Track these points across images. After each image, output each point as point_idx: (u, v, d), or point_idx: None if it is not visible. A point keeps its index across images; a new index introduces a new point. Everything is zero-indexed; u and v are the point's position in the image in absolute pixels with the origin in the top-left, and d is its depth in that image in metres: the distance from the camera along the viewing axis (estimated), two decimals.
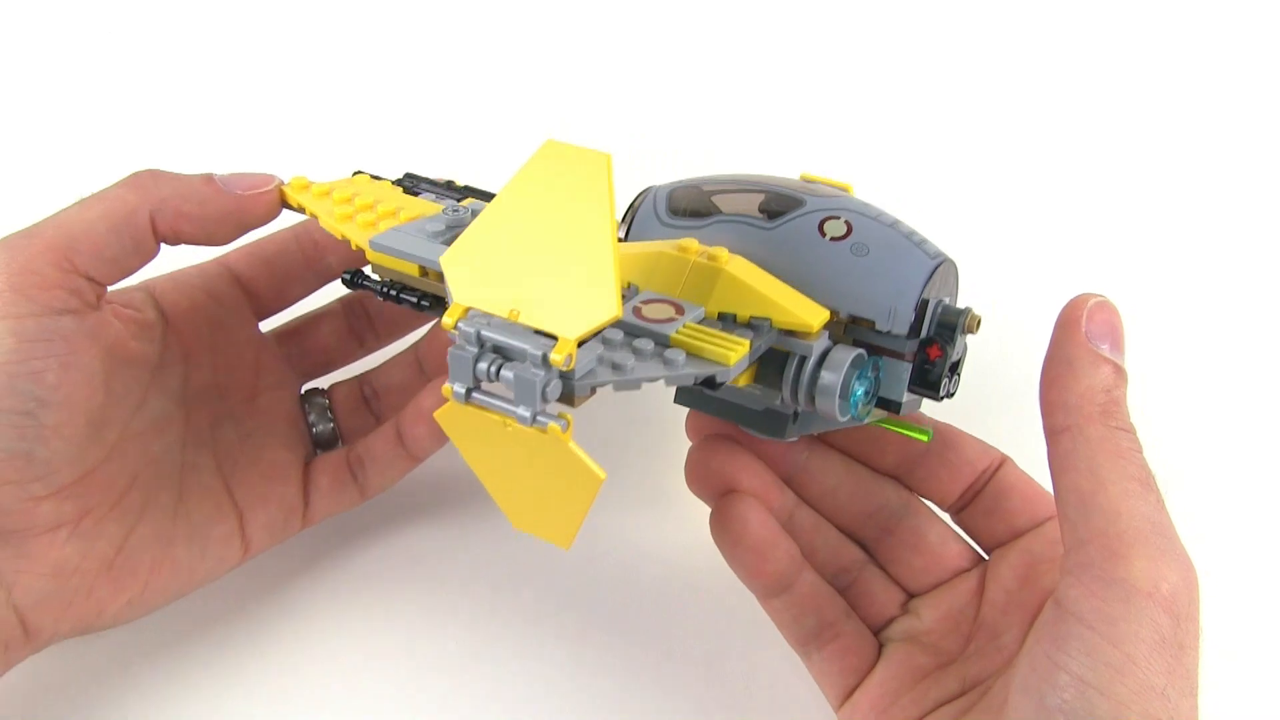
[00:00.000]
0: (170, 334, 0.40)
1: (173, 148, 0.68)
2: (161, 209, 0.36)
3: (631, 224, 0.37)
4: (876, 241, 0.33)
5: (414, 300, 0.36)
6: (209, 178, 0.37)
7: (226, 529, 0.39)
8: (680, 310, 0.31)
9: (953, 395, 0.34)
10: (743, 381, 0.32)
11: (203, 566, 0.39)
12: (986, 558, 0.38)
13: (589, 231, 0.26)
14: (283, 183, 0.39)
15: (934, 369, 0.33)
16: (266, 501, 0.41)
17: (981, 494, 0.38)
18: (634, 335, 0.30)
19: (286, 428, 0.43)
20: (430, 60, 0.74)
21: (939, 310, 0.33)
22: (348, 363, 0.46)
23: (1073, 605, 0.28)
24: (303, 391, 0.45)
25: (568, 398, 0.28)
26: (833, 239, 0.33)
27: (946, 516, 0.40)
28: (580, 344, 0.27)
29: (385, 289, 0.36)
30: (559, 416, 0.27)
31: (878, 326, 0.32)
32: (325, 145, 0.65)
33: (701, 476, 0.38)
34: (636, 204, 0.38)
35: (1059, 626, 0.28)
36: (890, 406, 0.34)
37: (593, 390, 0.28)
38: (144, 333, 0.39)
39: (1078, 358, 0.31)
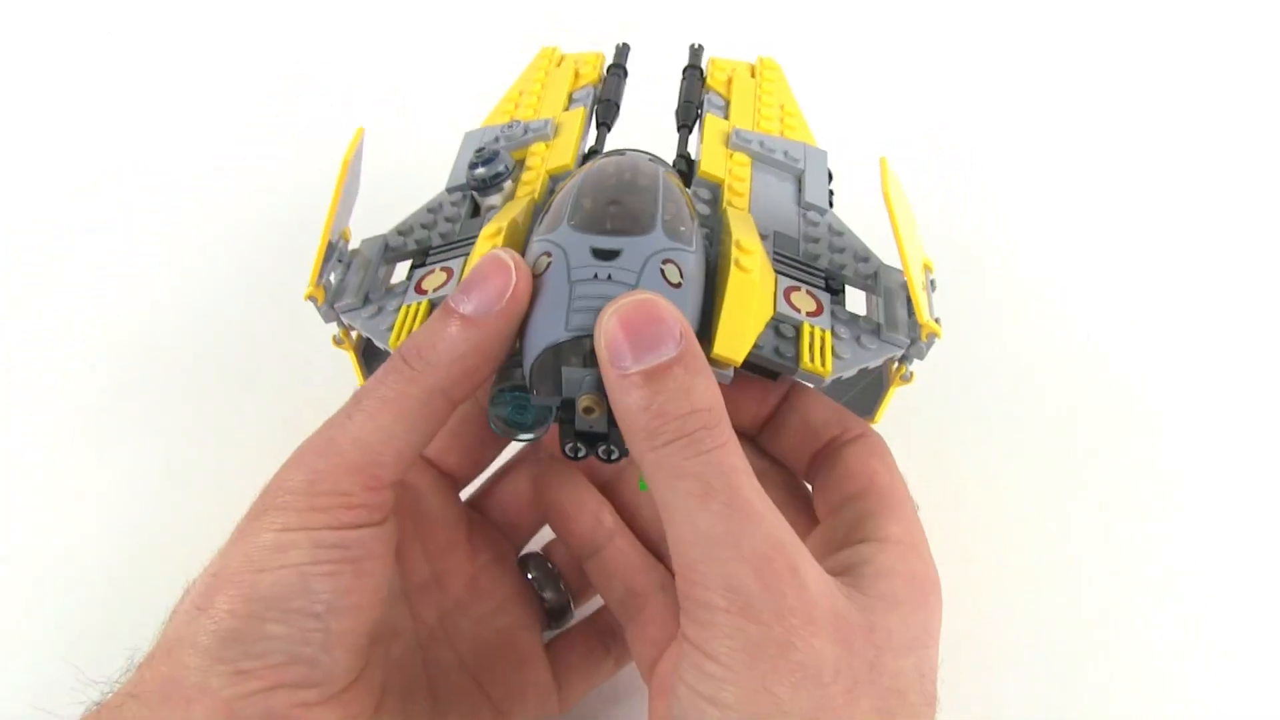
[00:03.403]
0: None
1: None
2: (450, 387, 0.31)
3: None
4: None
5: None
6: (455, 317, 0.31)
7: None
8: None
9: (611, 459, 0.33)
10: None
11: None
12: None
13: None
14: (516, 260, 0.32)
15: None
16: (523, 692, 0.37)
17: (820, 457, 0.36)
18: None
19: (518, 605, 0.39)
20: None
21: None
22: None
23: (683, 628, 0.29)
24: (520, 558, 0.41)
25: None
26: None
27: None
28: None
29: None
30: None
31: None
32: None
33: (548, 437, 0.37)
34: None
35: (677, 650, 0.29)
36: None
37: None
38: None
39: (612, 397, 0.29)
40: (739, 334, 0.32)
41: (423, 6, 0.78)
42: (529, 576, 0.39)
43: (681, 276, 0.32)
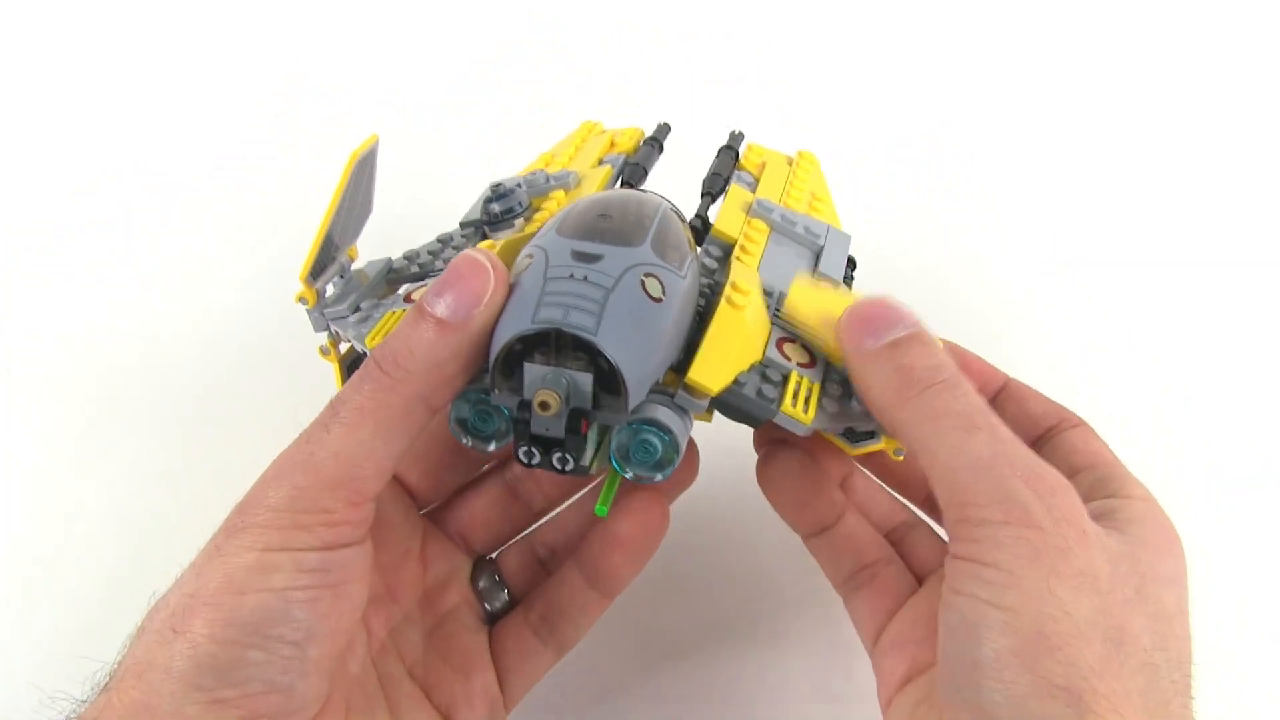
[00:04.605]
0: None
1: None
2: (430, 394, 0.31)
3: None
4: None
5: None
6: (430, 319, 0.30)
7: None
8: None
9: (565, 470, 0.31)
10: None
11: None
12: None
13: None
14: (493, 260, 0.31)
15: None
16: (470, 699, 0.37)
17: (1037, 444, 0.37)
18: None
19: (467, 613, 0.39)
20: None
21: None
22: (519, 532, 0.40)
23: (954, 550, 0.29)
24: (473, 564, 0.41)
25: None
26: None
27: None
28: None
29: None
30: None
31: None
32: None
33: (760, 435, 0.39)
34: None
35: (949, 568, 0.29)
36: None
37: None
38: None
39: (858, 374, 0.32)
40: (718, 366, 0.32)
41: (424, 7, 0.78)
42: (479, 587, 0.39)
43: (664, 293, 0.31)
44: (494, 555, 0.40)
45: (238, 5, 0.77)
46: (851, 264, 0.42)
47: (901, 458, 0.35)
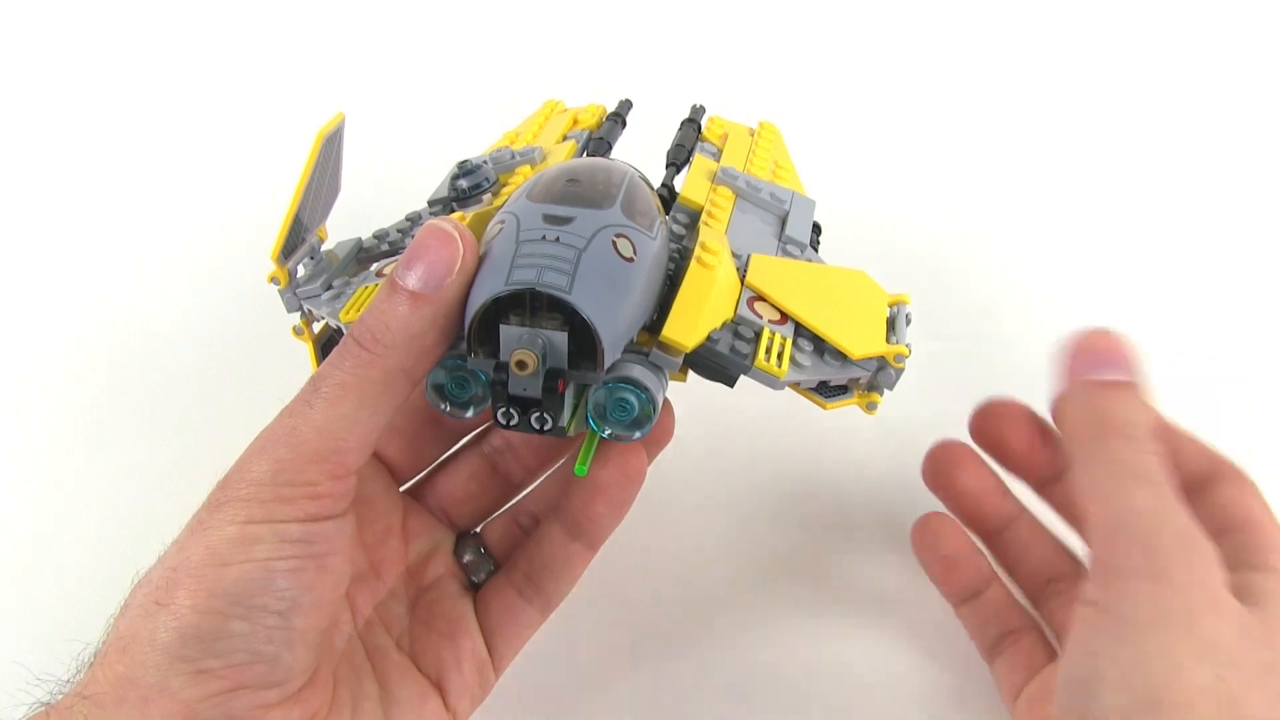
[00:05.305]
0: None
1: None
2: (410, 367, 0.31)
3: None
4: None
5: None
6: (403, 293, 0.31)
7: (435, 706, 0.36)
8: None
9: (544, 429, 0.31)
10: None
11: None
12: None
13: None
14: (459, 228, 0.31)
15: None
16: (459, 663, 0.37)
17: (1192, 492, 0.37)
18: None
19: (450, 582, 0.39)
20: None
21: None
22: (501, 506, 0.41)
23: (1086, 593, 0.30)
24: (457, 538, 0.41)
25: None
26: None
27: None
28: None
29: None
30: None
31: None
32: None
33: (930, 472, 0.42)
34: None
35: (1079, 614, 0.30)
36: None
37: None
38: None
39: (1065, 396, 0.34)
40: (691, 323, 0.32)
41: (423, 10, 0.79)
42: (465, 560, 0.39)
43: (635, 253, 0.31)
44: (478, 530, 0.41)
45: (237, 6, 0.78)
46: (817, 229, 0.42)
47: (875, 411, 0.36)
